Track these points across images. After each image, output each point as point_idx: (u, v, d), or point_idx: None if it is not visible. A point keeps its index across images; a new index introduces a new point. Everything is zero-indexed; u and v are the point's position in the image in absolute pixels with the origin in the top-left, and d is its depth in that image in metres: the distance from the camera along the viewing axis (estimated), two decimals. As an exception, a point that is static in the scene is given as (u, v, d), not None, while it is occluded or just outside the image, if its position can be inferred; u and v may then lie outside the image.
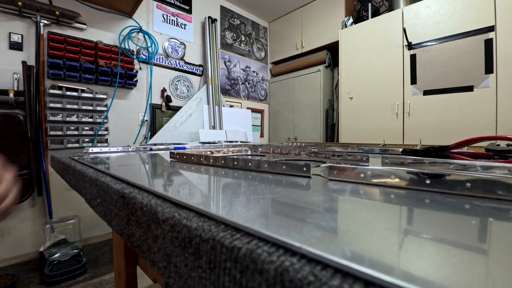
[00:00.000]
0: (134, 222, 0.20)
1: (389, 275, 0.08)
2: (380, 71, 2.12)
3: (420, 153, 0.48)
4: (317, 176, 0.29)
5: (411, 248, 0.11)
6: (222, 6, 2.85)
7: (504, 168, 0.28)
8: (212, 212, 0.15)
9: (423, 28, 1.88)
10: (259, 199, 0.19)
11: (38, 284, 1.36)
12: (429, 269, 0.09)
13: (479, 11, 1.64)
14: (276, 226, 0.13)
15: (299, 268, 0.09)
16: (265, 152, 0.73)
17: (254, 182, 0.26)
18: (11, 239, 1.59)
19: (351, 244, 0.11)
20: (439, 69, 1.81)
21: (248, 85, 3.13)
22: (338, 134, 2.54)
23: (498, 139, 0.48)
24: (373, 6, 2.34)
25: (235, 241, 0.12)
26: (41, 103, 1.61)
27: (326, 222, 0.14)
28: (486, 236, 0.13)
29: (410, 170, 0.23)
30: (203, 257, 0.13)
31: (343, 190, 0.22)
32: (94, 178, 0.31)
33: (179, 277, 0.15)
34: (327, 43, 2.70)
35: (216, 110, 2.51)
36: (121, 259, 0.84)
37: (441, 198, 0.19)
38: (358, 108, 2.27)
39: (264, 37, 3.39)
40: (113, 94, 1.93)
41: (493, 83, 1.60)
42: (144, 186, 0.23)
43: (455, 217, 0.15)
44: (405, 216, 0.17)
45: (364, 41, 2.23)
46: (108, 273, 1.48)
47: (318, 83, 2.74)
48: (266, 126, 3.39)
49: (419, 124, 1.92)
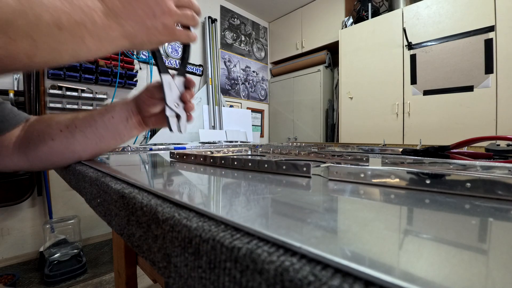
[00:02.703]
0: (134, 222, 0.20)
1: (389, 275, 0.08)
2: (380, 71, 2.12)
3: (420, 153, 0.48)
4: (317, 176, 0.29)
5: (411, 248, 0.11)
6: (222, 6, 2.85)
7: (504, 168, 0.28)
8: (212, 212, 0.15)
9: (423, 28, 1.88)
10: (259, 199, 0.19)
11: (38, 284, 1.36)
12: (429, 269, 0.09)
13: (479, 11, 1.64)
14: (276, 226, 0.13)
15: (299, 268, 0.09)
16: (265, 152, 0.73)
17: (254, 182, 0.26)
18: (11, 239, 1.59)
19: (351, 244, 0.11)
20: (439, 69, 1.81)
21: (248, 85, 3.13)
22: (338, 134, 2.54)
23: (498, 139, 0.48)
24: (373, 6, 2.34)
25: (235, 241, 0.12)
26: (41, 103, 1.61)
27: (326, 222, 0.14)
28: (486, 236, 0.13)
29: (410, 170, 0.23)
30: (203, 257, 0.13)
31: (343, 190, 0.22)
32: (94, 178, 0.31)
33: (179, 277, 0.15)
34: (327, 43, 2.70)
35: (216, 110, 2.51)
36: (121, 259, 0.84)
37: (441, 198, 0.19)
38: (358, 108, 2.27)
39: (264, 37, 3.39)
40: (113, 94, 1.93)
41: (493, 83, 1.60)
42: (144, 186, 0.23)
43: (455, 217, 0.15)
44: (405, 216, 0.17)
45: (364, 41, 2.23)
46: (108, 273, 1.48)
47: (318, 83, 2.74)
48: (266, 126, 3.39)
49: (419, 124, 1.92)
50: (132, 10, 0.30)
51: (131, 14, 0.30)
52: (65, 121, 0.41)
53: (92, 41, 0.27)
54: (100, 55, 0.30)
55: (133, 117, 0.44)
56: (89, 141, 0.42)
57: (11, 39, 0.21)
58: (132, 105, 0.44)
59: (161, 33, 0.33)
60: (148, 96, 0.42)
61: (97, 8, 0.27)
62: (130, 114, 0.43)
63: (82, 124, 0.41)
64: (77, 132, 0.41)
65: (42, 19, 0.22)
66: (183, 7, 0.35)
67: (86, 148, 0.42)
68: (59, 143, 0.40)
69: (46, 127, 0.41)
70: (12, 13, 0.20)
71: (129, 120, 0.43)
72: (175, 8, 0.33)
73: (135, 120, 0.44)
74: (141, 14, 0.30)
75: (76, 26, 0.25)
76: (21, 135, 0.41)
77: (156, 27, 0.32)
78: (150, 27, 0.31)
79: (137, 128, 0.45)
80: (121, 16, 0.29)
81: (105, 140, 0.43)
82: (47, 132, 0.40)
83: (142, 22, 0.31)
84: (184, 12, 0.35)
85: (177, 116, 0.40)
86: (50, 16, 0.23)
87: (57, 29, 0.23)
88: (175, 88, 0.39)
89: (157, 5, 0.31)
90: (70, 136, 0.40)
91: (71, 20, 0.24)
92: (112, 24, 0.28)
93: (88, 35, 0.26)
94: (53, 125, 0.41)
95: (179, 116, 0.40)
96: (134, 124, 0.44)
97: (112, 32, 0.29)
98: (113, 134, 0.43)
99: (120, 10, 0.29)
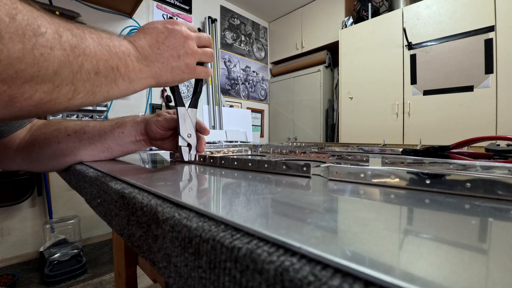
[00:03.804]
0: (134, 222, 0.20)
1: (389, 275, 0.08)
2: (380, 71, 2.12)
3: (420, 153, 0.48)
4: (317, 176, 0.29)
5: (411, 248, 0.11)
6: (222, 6, 2.85)
7: (504, 168, 0.28)
8: (212, 212, 0.15)
9: (423, 28, 1.88)
10: (259, 199, 0.19)
11: (38, 284, 1.36)
12: (429, 269, 0.09)
13: (479, 11, 1.64)
14: (276, 226, 0.13)
15: (299, 268, 0.09)
16: (265, 152, 0.73)
17: (254, 182, 0.26)
18: (11, 239, 1.59)
19: (351, 244, 0.11)
20: (439, 69, 1.81)
21: (248, 85, 3.13)
22: (338, 134, 2.54)
23: (498, 139, 0.48)
24: (373, 6, 2.34)
25: (235, 241, 0.12)
26: (41, 103, 1.61)
27: (326, 222, 0.14)
28: (486, 236, 0.13)
29: (410, 170, 0.23)
30: (203, 257, 0.13)
31: (343, 190, 0.22)
32: (94, 178, 0.31)
33: (179, 277, 0.15)
34: (327, 43, 2.70)
35: (216, 110, 2.51)
36: (121, 259, 0.84)
37: (441, 198, 0.19)
38: (358, 108, 2.27)
39: (264, 37, 3.39)
40: (113, 94, 1.93)
41: (493, 83, 1.60)
42: (144, 186, 0.23)
43: (455, 217, 0.15)
44: (405, 216, 0.17)
45: (364, 41, 2.23)
46: (108, 273, 1.48)
47: (318, 83, 2.74)
48: (266, 126, 3.39)
49: (419, 124, 1.92)
50: (160, 54, 0.33)
51: (159, 57, 0.33)
52: (74, 127, 0.43)
53: (123, 83, 0.29)
54: (128, 94, 0.32)
55: (141, 137, 0.47)
56: (96, 148, 0.44)
57: (55, 85, 0.22)
58: (142, 126, 0.46)
59: (184, 71, 0.36)
60: (158, 127, 0.44)
61: (131, 55, 0.30)
62: (138, 134, 0.46)
63: (92, 132, 0.43)
64: (85, 138, 0.42)
65: (83, 68, 0.24)
66: (204, 46, 0.38)
67: (90, 155, 0.44)
68: (65, 146, 0.41)
69: (54, 131, 0.42)
70: (59, 64, 0.22)
71: (137, 138, 0.46)
72: (197, 49, 0.36)
73: (143, 140, 0.47)
74: (167, 57, 0.33)
75: (111, 71, 0.27)
76: (27, 138, 0.42)
77: (179, 67, 0.35)
78: (175, 67, 0.34)
79: (144, 146, 0.48)
80: (150, 60, 0.32)
81: (113, 151, 0.46)
82: (54, 135, 0.41)
83: (167, 63, 0.33)
84: (204, 50, 0.38)
85: (188, 145, 0.43)
86: (90, 64, 0.25)
87: (95, 75, 0.25)
88: (188, 119, 0.43)
89: (182, 48, 0.34)
90: (76, 141, 0.42)
91: (107, 66, 0.27)
92: (142, 67, 0.31)
93: (121, 78, 0.28)
94: (61, 129, 0.42)
95: (190, 145, 0.43)
96: (141, 143, 0.47)
97: (141, 74, 0.31)
98: (121, 147, 0.46)
99: (149, 55, 0.32)
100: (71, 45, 0.23)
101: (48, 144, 0.41)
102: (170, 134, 0.46)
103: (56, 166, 0.43)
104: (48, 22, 0.21)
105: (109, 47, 0.27)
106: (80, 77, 0.24)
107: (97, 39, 0.26)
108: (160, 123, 0.44)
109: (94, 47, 0.25)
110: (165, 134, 0.46)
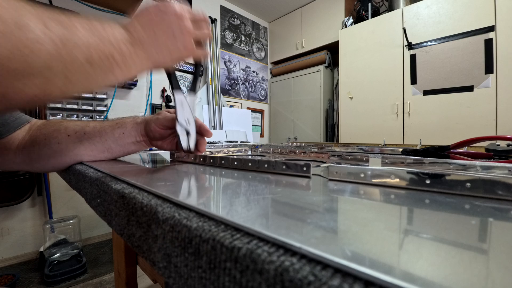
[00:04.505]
0: (134, 222, 0.20)
1: (389, 275, 0.08)
2: (380, 71, 2.12)
3: (420, 153, 0.48)
4: (317, 176, 0.29)
5: (411, 248, 0.11)
6: (222, 6, 2.85)
7: (504, 168, 0.28)
8: (212, 212, 0.15)
9: (423, 28, 1.88)
10: (259, 199, 0.19)
11: (38, 284, 1.36)
12: (429, 269, 0.09)
13: (479, 11, 1.64)
14: (276, 226, 0.13)
15: (299, 268, 0.09)
16: (265, 152, 0.73)
17: (254, 182, 0.26)
18: (11, 239, 1.59)
19: (351, 244, 0.11)
20: (439, 69, 1.81)
21: (248, 85, 3.13)
22: (338, 134, 2.54)
23: (498, 139, 0.48)
24: (373, 6, 2.34)
25: (235, 241, 0.12)
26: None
27: (326, 222, 0.14)
28: (486, 236, 0.13)
29: (410, 170, 0.23)
30: (203, 257, 0.13)
31: (343, 190, 0.22)
32: (94, 178, 0.31)
33: (179, 277, 0.15)
34: (327, 43, 2.70)
35: (216, 110, 2.51)
36: (121, 259, 0.84)
37: (441, 198, 0.19)
38: (358, 108, 2.27)
39: (264, 37, 3.39)
40: (113, 94, 1.93)
41: (493, 83, 1.60)
42: (144, 186, 0.23)
43: (455, 217, 0.15)
44: (405, 216, 0.17)
45: (364, 41, 2.23)
46: (108, 273, 1.48)
47: (318, 83, 2.74)
48: (266, 126, 3.39)
49: (419, 124, 1.92)
50: (154, 36, 0.31)
51: (154, 39, 0.31)
52: (74, 127, 0.42)
53: (119, 69, 0.28)
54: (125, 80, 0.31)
55: (142, 137, 0.47)
56: (96, 149, 0.43)
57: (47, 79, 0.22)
58: (142, 127, 0.46)
59: (181, 52, 0.35)
60: (157, 126, 0.44)
61: (124, 39, 0.29)
62: (139, 134, 0.46)
63: (92, 132, 0.43)
64: (85, 138, 0.42)
65: (76, 59, 0.23)
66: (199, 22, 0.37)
67: (90, 155, 0.43)
68: (64, 147, 0.41)
69: (54, 131, 0.42)
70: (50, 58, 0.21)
71: (138, 139, 0.46)
72: (192, 27, 0.35)
73: (143, 140, 0.47)
74: (163, 38, 0.32)
75: (105, 59, 0.26)
76: (26, 138, 0.42)
77: (177, 47, 0.34)
78: (171, 48, 0.33)
79: (144, 146, 0.48)
80: (145, 43, 0.31)
81: (113, 151, 0.45)
82: (54, 136, 0.41)
83: (164, 45, 0.32)
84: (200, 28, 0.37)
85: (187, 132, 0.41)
86: (83, 55, 0.24)
87: (89, 65, 0.25)
88: (186, 105, 0.41)
89: (177, 27, 0.33)
90: (77, 141, 0.42)
91: (101, 55, 0.26)
92: (138, 51, 0.30)
93: (116, 65, 0.28)
94: (61, 130, 0.42)
95: (189, 133, 0.41)
96: (142, 143, 0.47)
97: (137, 59, 0.30)
98: (121, 148, 0.46)
99: (144, 37, 0.30)
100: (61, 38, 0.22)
101: (48, 145, 0.41)
102: (170, 133, 0.46)
103: (56, 166, 0.43)
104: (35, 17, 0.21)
105: (101, 35, 0.26)
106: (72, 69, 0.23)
107: (88, 28, 0.25)
108: (160, 121, 0.44)
109: (86, 36, 0.24)
110: (165, 133, 0.45)
